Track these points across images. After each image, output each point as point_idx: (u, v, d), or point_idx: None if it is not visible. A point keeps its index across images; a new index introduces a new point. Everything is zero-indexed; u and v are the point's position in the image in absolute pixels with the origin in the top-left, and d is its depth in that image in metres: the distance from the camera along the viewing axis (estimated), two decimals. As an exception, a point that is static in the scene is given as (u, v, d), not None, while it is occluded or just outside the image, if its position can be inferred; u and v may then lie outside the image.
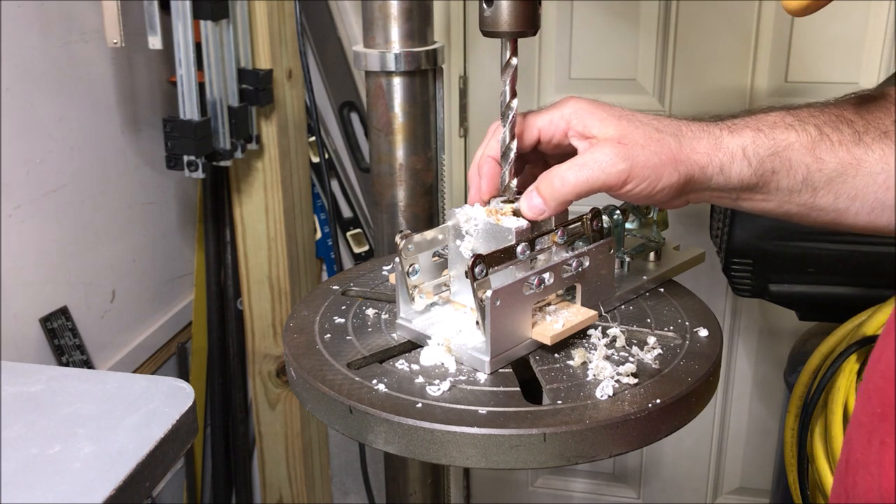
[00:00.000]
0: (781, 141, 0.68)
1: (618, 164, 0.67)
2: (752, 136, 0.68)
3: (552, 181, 0.69)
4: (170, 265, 1.70)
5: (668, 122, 0.70)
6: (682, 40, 1.59)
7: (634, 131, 0.68)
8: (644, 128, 0.68)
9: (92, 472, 0.68)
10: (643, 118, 0.70)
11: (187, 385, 0.82)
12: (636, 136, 0.68)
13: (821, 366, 1.20)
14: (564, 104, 0.72)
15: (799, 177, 0.68)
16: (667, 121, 0.70)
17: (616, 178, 0.67)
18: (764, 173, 0.68)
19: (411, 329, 0.74)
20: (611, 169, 0.67)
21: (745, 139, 0.68)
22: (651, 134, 0.68)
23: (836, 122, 0.69)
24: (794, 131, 0.68)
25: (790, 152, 0.68)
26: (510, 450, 0.61)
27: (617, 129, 0.68)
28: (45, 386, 0.83)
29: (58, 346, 1.36)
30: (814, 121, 0.69)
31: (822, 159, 0.68)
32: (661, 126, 0.69)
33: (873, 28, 1.51)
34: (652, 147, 0.67)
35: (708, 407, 0.71)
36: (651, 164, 0.67)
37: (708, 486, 1.93)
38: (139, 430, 0.74)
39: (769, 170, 0.68)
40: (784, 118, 0.69)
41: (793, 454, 1.24)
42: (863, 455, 0.55)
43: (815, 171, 0.68)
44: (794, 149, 0.68)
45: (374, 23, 1.08)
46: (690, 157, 0.68)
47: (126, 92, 1.50)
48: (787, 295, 1.28)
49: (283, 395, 1.78)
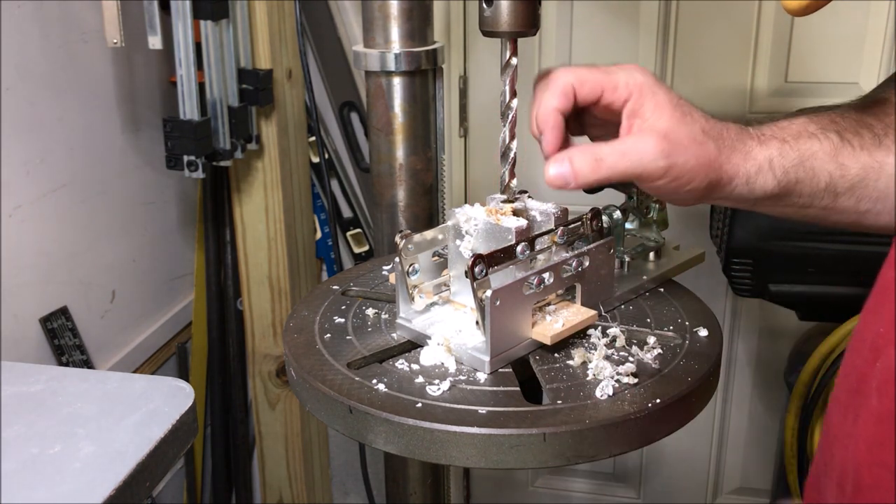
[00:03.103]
0: (806, 151, 0.68)
1: (658, 160, 0.66)
2: (778, 148, 0.68)
3: (590, 158, 0.67)
4: (170, 265, 1.70)
5: (714, 124, 0.69)
6: (682, 40, 1.59)
7: (683, 128, 0.67)
8: (692, 126, 0.68)
9: (92, 472, 0.68)
10: (696, 114, 0.69)
11: (187, 385, 0.82)
12: (682, 134, 0.67)
13: (821, 366, 1.20)
14: (631, 72, 0.69)
15: (822, 184, 0.69)
16: (713, 122, 0.69)
17: (653, 173, 0.67)
18: (788, 183, 0.68)
19: (411, 329, 0.74)
20: (651, 165, 0.66)
21: (772, 150, 0.68)
22: (696, 135, 0.67)
23: (857, 127, 0.69)
24: (817, 140, 0.68)
25: (814, 161, 0.68)
26: (510, 450, 0.61)
27: (668, 121, 0.67)
28: (45, 386, 0.83)
29: (58, 346, 1.36)
30: (835, 127, 0.69)
31: (845, 165, 0.68)
32: (708, 127, 0.68)
33: (873, 28, 1.51)
34: (693, 150, 0.67)
35: (708, 407, 0.71)
36: (688, 167, 0.67)
37: (708, 486, 1.93)
38: (139, 430, 0.74)
39: (793, 180, 0.68)
40: (807, 127, 0.69)
41: (793, 454, 1.24)
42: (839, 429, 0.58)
43: (837, 177, 0.68)
44: (818, 157, 0.68)
45: (374, 23, 1.08)
46: (723, 167, 0.68)
47: (126, 92, 1.50)
48: (787, 295, 1.27)
49: (283, 395, 1.78)
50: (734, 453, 1.89)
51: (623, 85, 0.69)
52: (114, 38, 1.29)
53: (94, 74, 1.42)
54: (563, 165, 0.67)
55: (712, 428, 1.88)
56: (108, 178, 1.47)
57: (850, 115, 0.70)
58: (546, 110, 0.69)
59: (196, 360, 1.76)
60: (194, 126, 1.39)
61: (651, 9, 1.59)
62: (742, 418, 1.85)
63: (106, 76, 1.45)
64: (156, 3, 1.33)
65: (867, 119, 0.69)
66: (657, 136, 0.67)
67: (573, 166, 0.67)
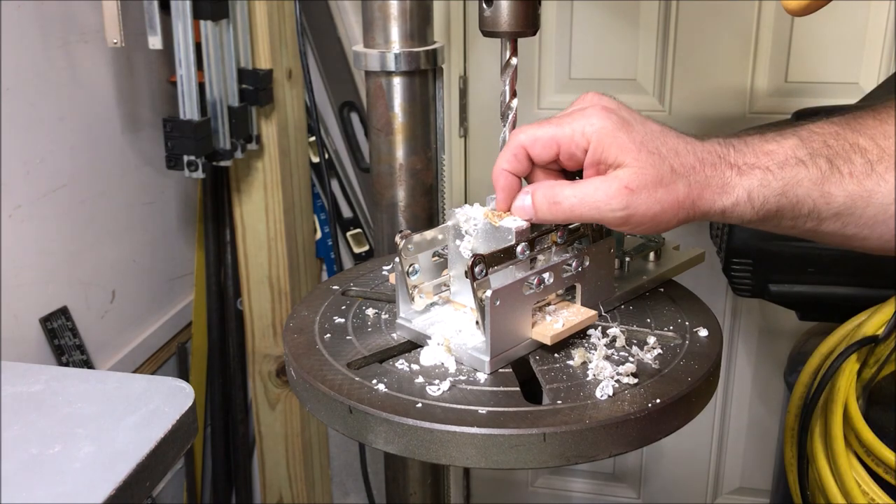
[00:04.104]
0: (790, 179, 0.66)
1: (616, 211, 0.65)
2: (760, 178, 0.66)
3: (550, 196, 0.68)
4: (170, 265, 1.70)
5: (687, 158, 0.67)
6: (682, 40, 1.59)
7: (648, 171, 0.65)
8: (660, 166, 0.65)
9: (92, 472, 0.68)
10: (665, 151, 0.66)
11: (187, 385, 0.82)
12: (647, 178, 0.65)
13: (821, 366, 1.20)
14: (589, 118, 0.67)
15: (804, 210, 0.67)
16: (687, 153, 0.67)
17: (611, 221, 0.67)
18: (768, 211, 0.67)
19: (411, 329, 0.74)
20: (609, 214, 0.66)
21: (752, 181, 0.66)
22: (664, 176, 0.65)
23: (849, 153, 0.66)
24: (804, 167, 0.66)
25: (797, 189, 0.66)
26: (510, 450, 0.61)
27: (631, 166, 0.65)
28: (45, 386, 0.83)
29: (58, 346, 1.36)
30: (826, 152, 0.66)
31: (831, 193, 0.66)
32: (678, 164, 0.66)
33: (873, 28, 1.51)
34: (659, 194, 0.65)
35: (708, 407, 0.71)
36: (651, 213, 0.65)
37: (708, 486, 1.93)
38: (139, 430, 0.74)
39: (774, 208, 0.67)
40: (796, 151, 0.67)
41: (793, 454, 1.24)
42: None
43: (821, 205, 0.66)
44: (803, 185, 0.66)
45: (374, 23, 1.08)
46: (695, 203, 0.66)
47: (126, 92, 1.50)
48: (787, 295, 1.27)
49: (283, 395, 1.78)
50: (734, 453, 1.89)
51: (580, 134, 0.67)
52: (114, 38, 1.29)
53: (94, 74, 1.42)
54: (525, 200, 0.70)
55: (712, 428, 1.88)
56: (108, 178, 1.47)
57: (846, 137, 0.67)
58: (496, 171, 0.71)
59: (196, 360, 1.76)
60: (194, 126, 1.39)
61: (651, 9, 1.59)
62: (742, 418, 1.85)
63: (106, 76, 1.45)
64: (156, 3, 1.33)
65: (862, 142, 0.67)
66: (618, 184, 0.65)
67: (534, 202, 0.69)
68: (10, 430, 0.75)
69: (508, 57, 0.74)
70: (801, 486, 1.21)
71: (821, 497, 1.17)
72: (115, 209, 1.50)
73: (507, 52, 0.73)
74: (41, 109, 1.30)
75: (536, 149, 0.69)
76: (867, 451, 1.09)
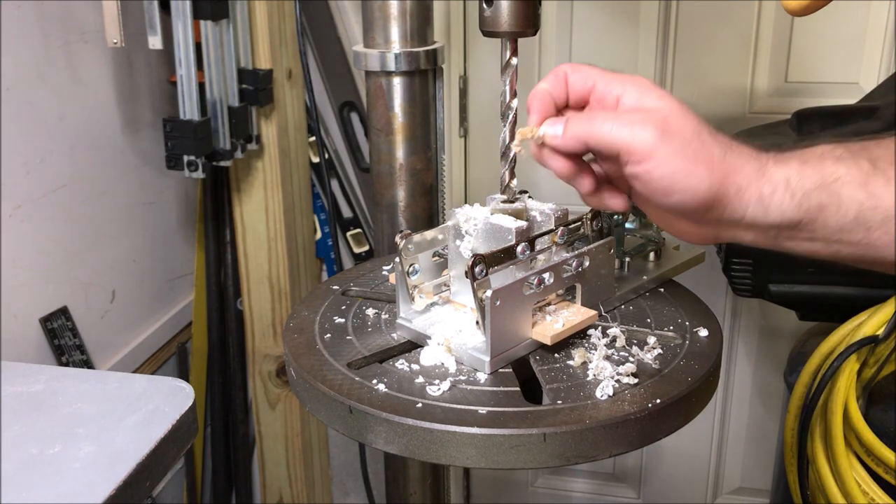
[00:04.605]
0: (829, 174, 0.61)
1: (647, 136, 0.61)
2: (797, 167, 0.62)
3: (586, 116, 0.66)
4: (170, 265, 1.70)
5: (724, 137, 0.64)
6: (682, 40, 1.59)
7: (685, 122, 0.62)
8: (696, 126, 0.63)
9: (92, 472, 0.68)
10: (700, 119, 0.64)
11: (187, 385, 0.82)
12: (684, 127, 0.62)
13: (821, 366, 1.20)
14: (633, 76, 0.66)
15: (850, 214, 0.61)
16: (722, 135, 0.64)
17: (639, 147, 0.61)
18: (809, 208, 0.62)
19: (411, 329, 0.74)
20: (639, 137, 0.61)
21: (790, 170, 0.62)
22: (700, 133, 0.62)
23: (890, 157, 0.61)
24: (843, 165, 0.61)
25: (839, 186, 0.61)
26: (510, 450, 0.61)
27: (670, 110, 0.63)
28: (45, 386, 0.83)
29: (58, 346, 1.36)
30: (867, 154, 0.62)
31: (877, 195, 0.60)
32: (715, 133, 0.63)
33: (873, 28, 1.51)
34: (692, 144, 0.62)
35: (708, 407, 0.71)
36: (680, 156, 0.61)
37: (708, 486, 1.93)
38: (139, 430, 0.74)
39: (815, 204, 0.61)
40: (833, 150, 0.63)
41: (793, 454, 1.24)
42: None
43: (868, 208, 0.60)
44: (844, 182, 0.61)
45: (374, 23, 1.08)
46: (728, 173, 0.62)
47: (126, 92, 1.50)
48: (787, 295, 1.27)
49: (283, 395, 1.78)
50: (734, 453, 1.89)
51: (618, 81, 0.66)
52: (114, 38, 1.29)
53: (94, 74, 1.42)
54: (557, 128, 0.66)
55: (712, 428, 1.88)
56: (108, 178, 1.47)
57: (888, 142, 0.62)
58: (535, 90, 0.69)
59: (196, 360, 1.76)
60: (194, 126, 1.39)
61: (651, 9, 1.59)
62: (742, 418, 1.85)
63: (106, 76, 1.45)
64: (156, 3, 1.33)
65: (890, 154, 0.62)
66: (655, 116, 0.62)
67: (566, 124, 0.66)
68: (10, 430, 0.75)
69: (509, 57, 0.74)
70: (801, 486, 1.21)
71: (821, 497, 1.17)
72: (115, 209, 1.50)
73: (508, 52, 0.73)
74: (41, 109, 1.30)
75: (575, 76, 0.68)
76: (867, 452, 1.09)
